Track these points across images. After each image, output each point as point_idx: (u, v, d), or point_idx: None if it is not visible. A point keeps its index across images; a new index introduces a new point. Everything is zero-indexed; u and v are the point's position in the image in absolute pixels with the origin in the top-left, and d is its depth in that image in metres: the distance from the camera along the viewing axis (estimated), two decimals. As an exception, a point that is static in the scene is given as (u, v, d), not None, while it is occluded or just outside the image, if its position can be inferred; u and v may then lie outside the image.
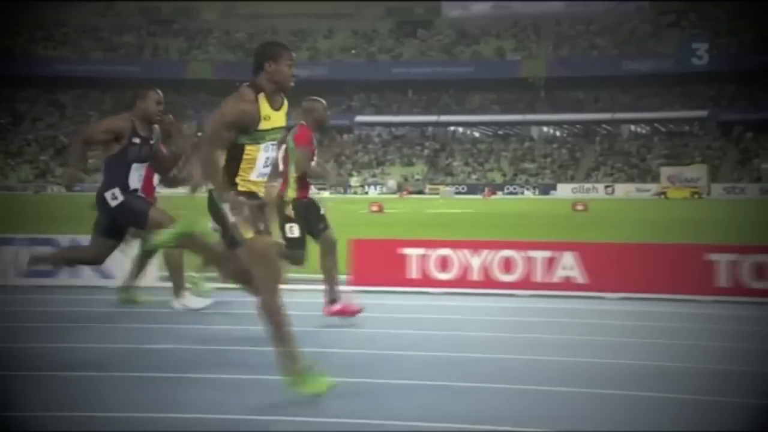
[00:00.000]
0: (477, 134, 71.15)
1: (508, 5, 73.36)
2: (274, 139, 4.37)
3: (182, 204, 6.90)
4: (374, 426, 3.62)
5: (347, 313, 6.18)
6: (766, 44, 61.67)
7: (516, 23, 72.39)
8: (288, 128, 4.56)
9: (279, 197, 6.33)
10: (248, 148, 4.27)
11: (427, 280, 7.48)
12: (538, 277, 7.25)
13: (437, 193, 55.50)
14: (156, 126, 5.95)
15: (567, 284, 7.19)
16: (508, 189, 59.13)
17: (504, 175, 63.54)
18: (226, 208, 4.19)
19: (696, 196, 46.59)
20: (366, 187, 59.95)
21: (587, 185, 58.58)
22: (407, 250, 7.53)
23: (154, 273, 7.60)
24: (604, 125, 67.45)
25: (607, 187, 56.90)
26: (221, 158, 4.22)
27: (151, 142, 5.90)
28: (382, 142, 70.18)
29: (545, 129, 69.70)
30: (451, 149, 67.99)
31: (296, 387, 4.10)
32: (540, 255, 7.26)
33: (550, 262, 7.25)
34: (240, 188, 4.27)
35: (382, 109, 72.12)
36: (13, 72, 64.90)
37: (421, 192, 57.25)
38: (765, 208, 30.26)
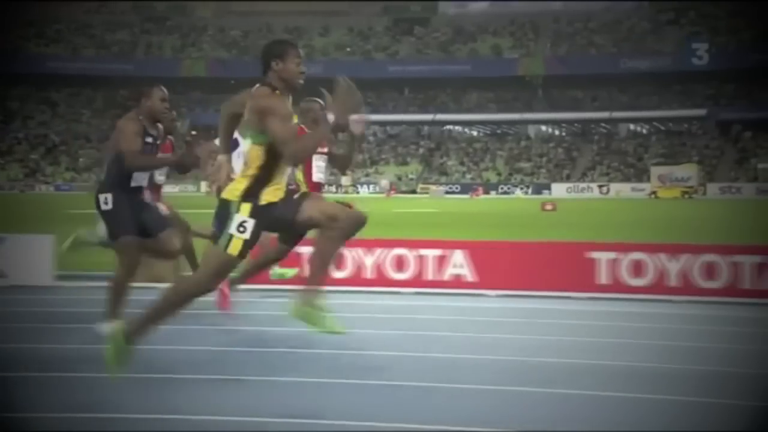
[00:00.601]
0: (474, 133, 71.14)
1: (506, 3, 73.37)
2: None
3: (189, 203, 6.91)
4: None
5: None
6: (766, 42, 61.50)
7: (513, 21, 72.39)
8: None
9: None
10: (274, 151, 4.20)
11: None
12: (429, 275, 7.28)
13: (427, 193, 55.53)
14: (160, 125, 5.94)
15: (456, 282, 7.22)
16: (502, 189, 59.11)
17: (499, 174, 63.53)
18: (235, 220, 4.18)
19: (686, 195, 46.53)
20: (358, 187, 60.00)
21: (582, 185, 58.57)
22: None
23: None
24: (602, 124, 67.38)
25: (601, 186, 56.85)
26: (257, 161, 4.19)
27: (158, 142, 5.91)
28: (377, 141, 70.21)
29: (543, 128, 69.64)
30: (446, 148, 68.01)
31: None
32: (431, 253, 7.29)
33: (441, 261, 7.28)
34: (263, 202, 4.20)
35: (378, 108, 72.12)
36: (5, 69, 65.17)
37: (413, 191, 57.27)
38: (755, 208, 30.25)
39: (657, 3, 68.78)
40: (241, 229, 4.18)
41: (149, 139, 5.76)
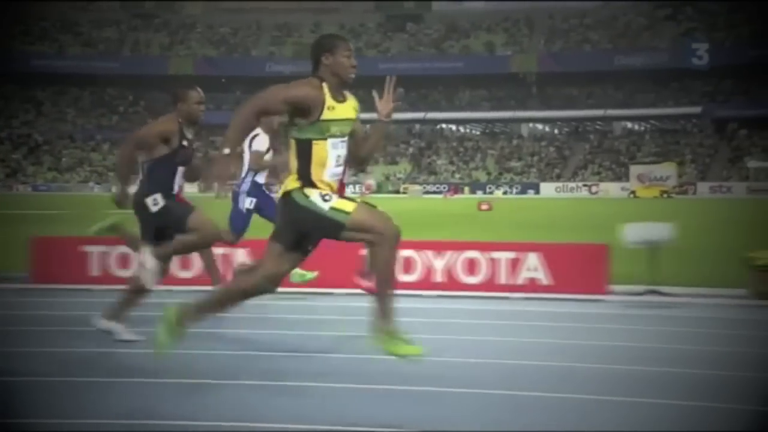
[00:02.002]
0: (465, 131, 70.92)
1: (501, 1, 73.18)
2: (341, 134, 4.29)
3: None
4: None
5: None
6: (764, 39, 61.00)
7: (508, 17, 72.21)
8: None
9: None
10: (316, 145, 4.21)
11: (108, 277, 7.50)
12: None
13: (406, 193, 55.50)
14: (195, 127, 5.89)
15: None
16: (489, 188, 58.87)
17: (489, 173, 63.33)
18: (316, 200, 4.15)
19: (665, 195, 46.18)
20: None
21: (571, 184, 58.29)
22: (88, 248, 7.54)
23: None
24: (597, 123, 67.01)
25: (591, 186, 56.54)
26: (254, 124, 4.27)
27: (194, 144, 5.90)
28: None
29: (539, 126, 69.36)
30: (436, 147, 67.90)
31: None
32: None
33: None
34: (321, 190, 4.22)
35: (369, 106, 71.58)
36: (-12, 68, 65.58)
37: (397, 191, 57.20)
38: (724, 208, 30.04)
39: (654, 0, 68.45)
40: (327, 197, 4.17)
41: (185, 142, 5.71)
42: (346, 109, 4.32)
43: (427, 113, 68.90)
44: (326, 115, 4.21)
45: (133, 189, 6.36)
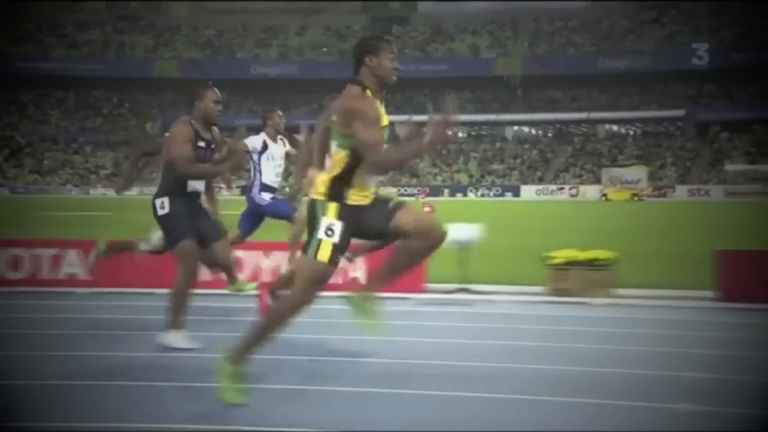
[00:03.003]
0: (449, 134, 71.16)
1: (487, 3, 73.54)
2: (386, 140, 4.25)
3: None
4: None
5: None
6: (747, 41, 61.42)
7: (493, 20, 72.56)
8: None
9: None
10: None
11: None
12: (44, 274, 7.56)
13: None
14: (215, 128, 5.90)
15: (71, 281, 7.50)
16: (470, 191, 59.22)
17: (471, 176, 63.67)
18: (323, 223, 4.12)
19: (636, 198, 46.53)
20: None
21: (552, 187, 58.61)
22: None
23: None
24: (581, 125, 67.36)
25: (571, 188, 56.86)
26: (340, 167, 4.15)
27: (213, 145, 5.85)
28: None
29: (524, 129, 69.68)
30: (420, 150, 68.15)
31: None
32: (46, 252, 7.58)
33: (56, 260, 7.57)
34: (350, 202, 4.17)
35: (354, 109, 72.14)
36: (-29, 70, 66.02)
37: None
38: (689, 210, 30.40)
39: (640, 1, 68.79)
40: (329, 232, 4.11)
41: (202, 144, 5.69)
42: (385, 115, 4.30)
43: (412, 116, 69.10)
44: (383, 122, 4.18)
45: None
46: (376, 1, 75.57)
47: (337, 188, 4.14)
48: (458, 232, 7.74)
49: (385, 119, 4.23)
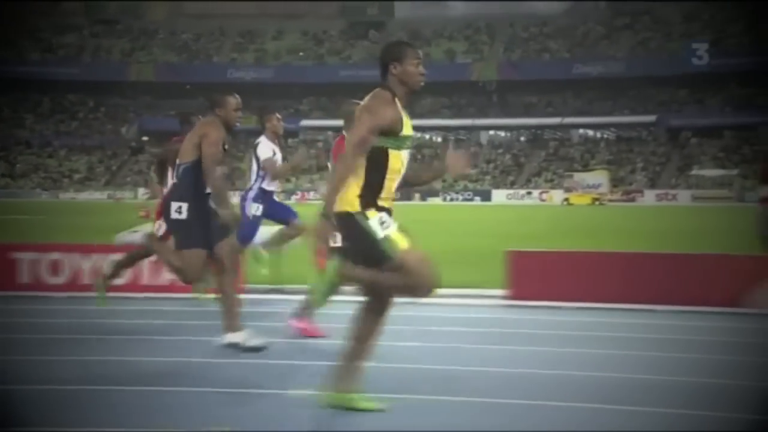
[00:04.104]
0: (425, 138, 72.10)
1: (463, 5, 74.43)
2: (410, 148, 4.27)
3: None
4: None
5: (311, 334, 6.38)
6: (717, 48, 62.53)
7: (469, 25, 73.41)
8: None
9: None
10: (392, 155, 4.16)
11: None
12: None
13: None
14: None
15: None
16: (441, 195, 60.03)
17: (444, 180, 64.38)
18: (374, 225, 4.08)
19: (597, 202, 47.39)
20: (298, 193, 60.93)
21: (522, 191, 59.45)
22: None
23: None
24: (556, 130, 68.28)
25: (542, 193, 57.70)
26: (361, 169, 4.12)
27: (226, 147, 5.95)
28: (326, 146, 71.25)
29: (500, 133, 70.53)
30: (395, 154, 68.95)
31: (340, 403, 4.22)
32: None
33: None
34: (382, 204, 4.17)
35: (331, 113, 73.07)
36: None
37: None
38: (620, 215, 31.15)
39: (614, 8, 69.82)
40: (385, 224, 4.10)
41: (226, 146, 5.83)
42: (410, 123, 4.28)
43: (388, 120, 69.98)
44: (405, 130, 4.19)
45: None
46: (355, 2, 76.28)
47: (367, 195, 4.13)
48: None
49: (409, 128, 4.23)
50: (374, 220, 4.08)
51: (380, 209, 4.13)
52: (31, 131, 69.34)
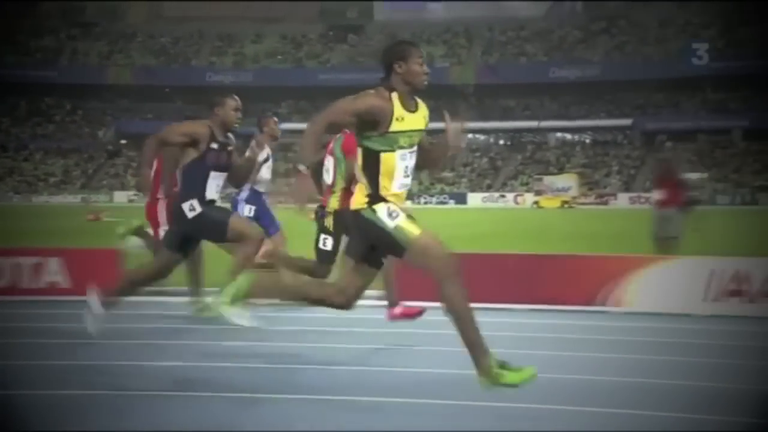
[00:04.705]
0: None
1: (442, 9, 74.92)
2: (410, 145, 4.30)
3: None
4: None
5: (410, 315, 6.45)
6: (692, 53, 63.31)
7: (448, 29, 73.86)
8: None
9: (321, 207, 6.48)
10: (384, 157, 4.21)
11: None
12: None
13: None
14: (231, 134, 6.04)
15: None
16: (415, 199, 60.37)
17: (420, 183, 64.79)
18: (383, 217, 4.15)
19: (566, 205, 47.93)
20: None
21: (497, 194, 59.92)
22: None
23: None
24: (533, 133, 68.83)
25: (517, 196, 58.18)
26: (325, 139, 4.39)
27: (230, 148, 5.96)
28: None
29: (479, 137, 70.99)
30: (373, 157, 69.33)
31: (491, 380, 4.12)
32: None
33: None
34: (388, 204, 4.22)
35: (310, 116, 72.83)
36: None
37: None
38: (601, 218, 31.54)
39: (591, 12, 70.48)
40: (394, 214, 4.17)
41: (215, 145, 5.83)
42: (417, 119, 4.32)
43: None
44: (395, 126, 4.21)
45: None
46: (334, 5, 76.64)
47: (373, 194, 4.21)
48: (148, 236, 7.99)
49: (414, 123, 4.30)
50: (382, 211, 4.15)
51: (388, 201, 4.21)
52: (6, 134, 69.27)
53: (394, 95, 4.25)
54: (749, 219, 29.69)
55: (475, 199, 59.05)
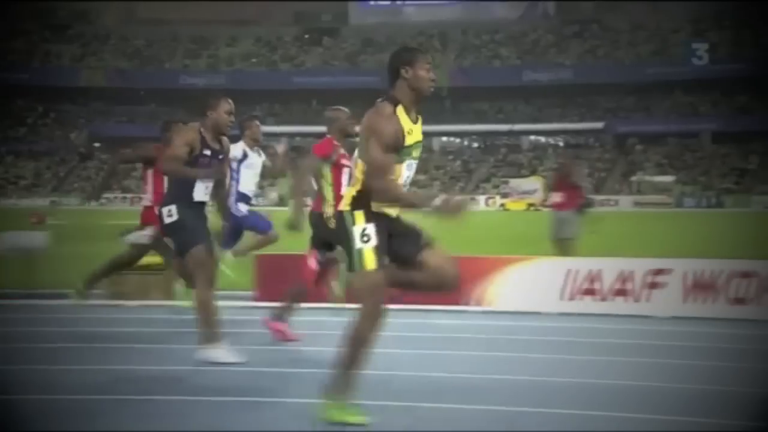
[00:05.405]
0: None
1: (416, 12, 75.35)
2: (416, 157, 4.36)
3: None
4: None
5: (283, 337, 6.54)
6: (662, 57, 64.04)
7: (422, 32, 74.26)
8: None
9: (316, 214, 6.49)
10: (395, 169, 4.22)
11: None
12: None
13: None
14: (225, 139, 5.95)
15: None
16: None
17: (393, 186, 65.21)
18: (355, 232, 4.16)
19: (532, 207, 48.32)
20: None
21: (468, 197, 60.32)
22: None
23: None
24: (507, 136, 69.31)
25: (488, 199, 58.58)
26: (360, 181, 4.20)
27: (221, 156, 5.88)
28: (272, 151, 71.68)
29: (454, 140, 71.41)
30: (347, 160, 69.63)
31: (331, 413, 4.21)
32: None
33: None
34: (376, 210, 4.22)
35: (285, 119, 73.53)
36: None
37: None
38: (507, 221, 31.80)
39: (564, 16, 71.12)
40: (365, 238, 4.15)
41: (207, 152, 5.74)
42: (419, 129, 4.34)
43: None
44: (407, 141, 4.24)
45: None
46: (309, 7, 76.87)
47: (362, 198, 4.21)
48: (20, 238, 8.25)
49: (418, 135, 4.34)
50: (358, 228, 4.17)
51: (372, 216, 4.20)
52: (-25, 138, 69.08)
53: (399, 110, 4.25)
54: (677, 221, 29.95)
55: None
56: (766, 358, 6.28)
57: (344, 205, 4.27)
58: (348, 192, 4.30)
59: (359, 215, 4.18)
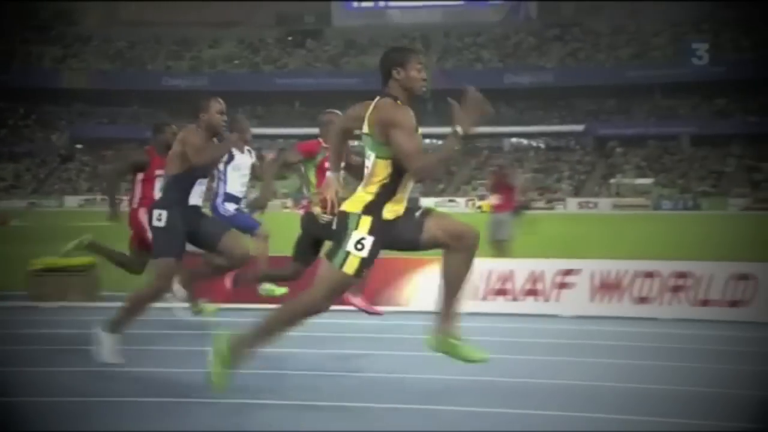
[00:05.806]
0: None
1: (400, 15, 75.65)
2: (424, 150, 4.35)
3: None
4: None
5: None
6: (642, 60, 64.56)
7: (405, 34, 74.56)
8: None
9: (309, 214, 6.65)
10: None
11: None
12: None
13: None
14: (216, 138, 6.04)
15: None
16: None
17: (375, 189, 65.47)
18: (354, 236, 4.18)
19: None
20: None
21: (447, 199, 60.62)
22: None
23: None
24: (488, 139, 69.65)
25: (469, 201, 58.88)
26: (382, 175, 4.22)
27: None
28: (260, 155, 71.79)
29: (437, 142, 71.57)
30: (329, 162, 69.83)
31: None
32: None
33: None
34: (386, 216, 4.24)
35: (267, 121, 73.57)
36: None
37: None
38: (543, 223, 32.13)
39: (545, 19, 71.59)
40: (359, 246, 4.17)
41: None
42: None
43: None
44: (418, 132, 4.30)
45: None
46: (291, 8, 77.03)
47: (377, 202, 4.23)
48: None
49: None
50: (357, 234, 4.21)
51: (377, 228, 4.22)
52: (-46, 139, 68.95)
53: (399, 103, 4.35)
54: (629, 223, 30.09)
55: (426, 203, 59.75)
56: (674, 356, 6.53)
57: (352, 207, 4.29)
58: (360, 194, 4.32)
59: (365, 222, 4.23)
